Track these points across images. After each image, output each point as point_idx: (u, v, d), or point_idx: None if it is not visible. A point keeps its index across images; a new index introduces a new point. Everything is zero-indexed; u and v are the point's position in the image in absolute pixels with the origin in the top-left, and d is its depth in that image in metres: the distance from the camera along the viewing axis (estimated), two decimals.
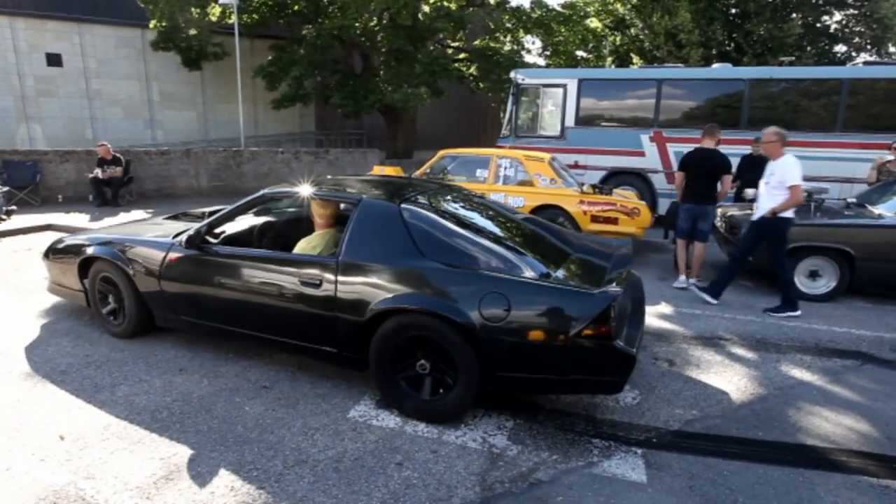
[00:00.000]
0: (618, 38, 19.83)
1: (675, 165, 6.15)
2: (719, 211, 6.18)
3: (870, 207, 5.36)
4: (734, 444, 2.71)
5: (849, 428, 2.89)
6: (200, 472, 2.38)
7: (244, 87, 13.93)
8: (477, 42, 16.68)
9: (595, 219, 5.94)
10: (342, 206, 3.53)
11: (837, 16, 16.94)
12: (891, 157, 6.41)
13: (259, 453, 2.53)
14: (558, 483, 2.37)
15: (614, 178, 8.93)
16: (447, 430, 2.76)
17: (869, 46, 16.24)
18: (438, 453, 2.57)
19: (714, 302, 4.92)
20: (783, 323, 4.52)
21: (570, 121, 9.31)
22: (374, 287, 2.81)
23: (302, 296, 3.00)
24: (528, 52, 18.51)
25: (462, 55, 16.84)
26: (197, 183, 11.81)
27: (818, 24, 16.84)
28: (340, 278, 2.89)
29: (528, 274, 2.77)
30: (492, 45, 16.35)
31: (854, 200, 5.75)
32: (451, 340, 2.67)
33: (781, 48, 15.37)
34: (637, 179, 9.01)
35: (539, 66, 16.19)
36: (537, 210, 6.12)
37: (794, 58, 14.50)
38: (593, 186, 6.17)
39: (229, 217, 3.54)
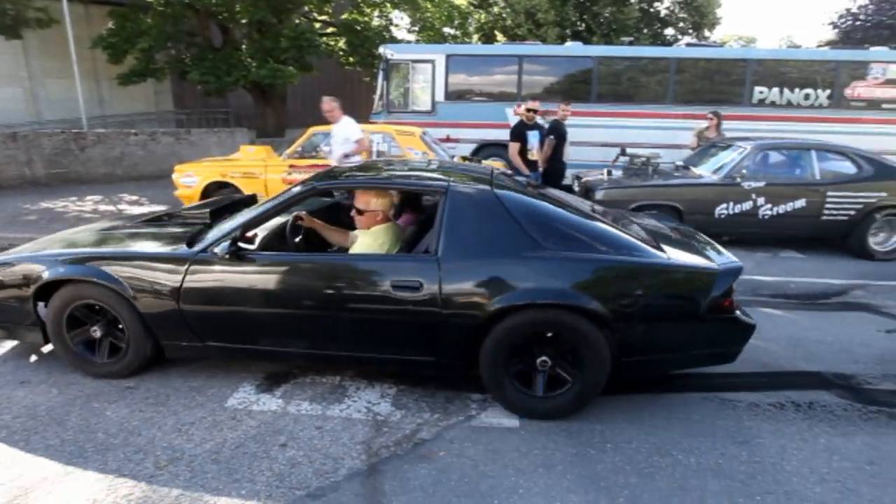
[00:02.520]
0: (482, 16, 20.44)
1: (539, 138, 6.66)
2: (577, 177, 6.81)
3: (693, 169, 6.26)
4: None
5: None
6: (53, 492, 2.15)
7: (81, 60, 12.09)
8: (344, 16, 16.16)
9: None
10: (407, 195, 3.39)
11: (667, 2, 19.11)
12: (706, 125, 7.48)
13: (125, 459, 2.34)
14: (441, 439, 2.53)
15: (484, 150, 9.32)
16: (331, 406, 2.78)
17: (691, 30, 18.58)
18: (323, 429, 2.59)
19: None
20: None
21: (440, 96, 9.49)
22: (488, 284, 2.56)
23: (395, 302, 2.62)
24: (397, 27, 18.39)
25: (330, 29, 16.23)
26: (31, 171, 10.11)
27: (651, 10, 18.87)
28: (444, 278, 2.56)
29: (649, 255, 2.66)
30: (359, 19, 15.95)
31: (681, 163, 6.66)
32: (582, 332, 2.54)
33: (623, 29, 16.99)
34: (506, 150, 9.50)
35: (409, 42, 16.17)
36: None
37: (632, 38, 16.11)
38: (464, 158, 6.42)
39: (267, 216, 2.90)
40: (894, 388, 3.11)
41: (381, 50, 9.80)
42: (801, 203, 5.70)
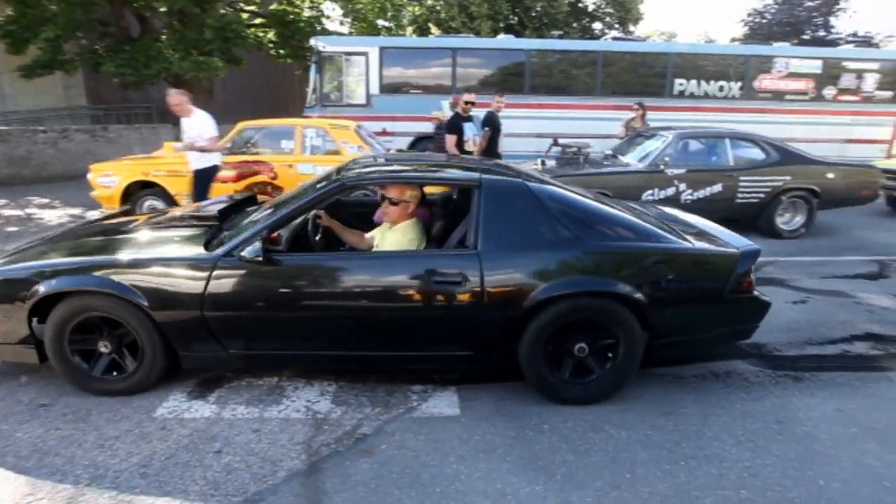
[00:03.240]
0: (416, 9, 20.33)
1: (478, 129, 6.72)
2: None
3: (621, 158, 6.55)
4: None
5: None
6: None
7: None
8: (273, 6, 15.57)
9: None
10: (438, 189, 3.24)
11: None
12: (633, 116, 7.85)
13: (40, 482, 2.18)
14: (382, 432, 2.52)
15: (421, 143, 9.32)
16: (269, 408, 2.71)
17: (617, 25, 19.36)
18: (261, 431, 2.52)
19: None
20: None
21: (374, 88, 9.40)
22: (528, 276, 2.59)
23: (437, 298, 2.60)
24: (329, 18, 17.93)
25: (259, 20, 15.59)
26: None
27: (580, 4, 19.48)
28: (486, 272, 2.56)
29: (674, 242, 2.78)
30: (289, 10, 15.42)
31: (610, 153, 6.94)
32: (618, 317, 2.62)
33: (554, 23, 17.45)
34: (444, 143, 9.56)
35: (341, 34, 15.83)
36: None
37: (562, 32, 16.59)
38: (399, 151, 6.39)
39: (294, 216, 2.78)
40: (798, 354, 3.41)
41: (313, 42, 9.57)
42: (717, 188, 6.10)
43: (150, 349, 2.70)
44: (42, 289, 2.61)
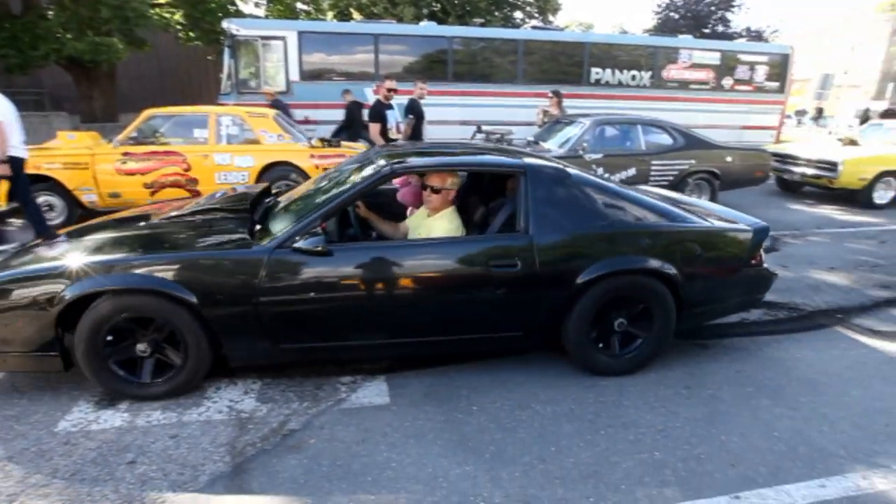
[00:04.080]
0: None
1: (400, 116, 6.66)
2: None
3: (542, 144, 6.76)
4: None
5: None
6: None
7: None
8: None
9: None
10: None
11: None
12: (549, 104, 8.10)
13: None
14: (310, 427, 2.47)
15: (347, 131, 9.10)
16: (188, 411, 2.57)
17: (537, 14, 19.83)
18: (179, 437, 2.38)
19: None
20: None
21: (294, 75, 9.05)
22: (576, 257, 2.76)
23: (493, 282, 2.69)
24: (244, 1, 17.00)
25: (164, 0, 14.49)
26: None
27: None
28: (538, 254, 2.70)
29: (698, 222, 3.05)
30: None
31: (532, 139, 7.14)
32: (657, 292, 2.85)
33: (476, 11, 17.57)
34: (366, 131, 9.39)
35: (257, 17, 15.07)
36: (268, 168, 5.89)
37: (484, 20, 16.76)
38: (322, 140, 6.21)
39: (345, 204, 2.80)
40: (704, 323, 3.69)
41: (226, 25, 9.03)
42: (632, 171, 6.45)
43: (194, 347, 2.58)
44: (71, 291, 2.41)
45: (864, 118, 14.69)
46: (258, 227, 2.86)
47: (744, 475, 2.22)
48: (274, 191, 3.78)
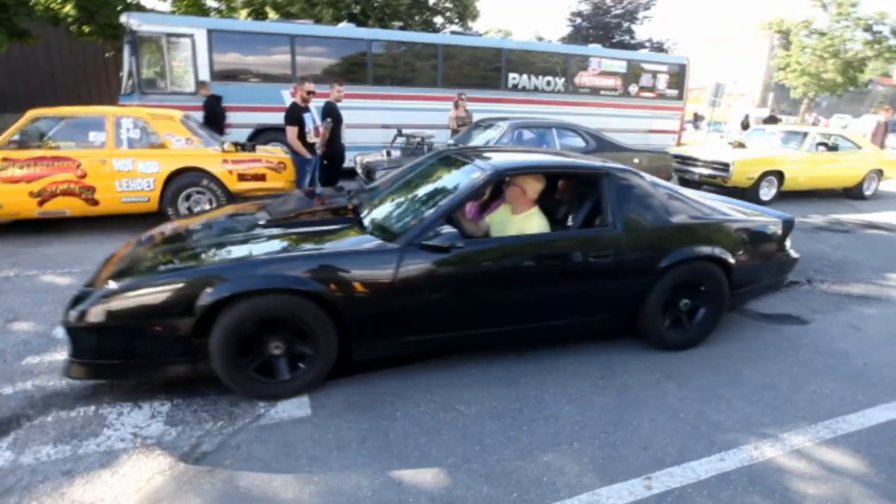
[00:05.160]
0: None
1: (318, 119, 6.48)
2: (358, 158, 6.89)
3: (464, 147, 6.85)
4: (383, 357, 3.15)
5: None
6: None
7: None
8: None
9: (242, 177, 5.75)
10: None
11: None
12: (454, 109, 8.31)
13: None
14: (225, 447, 2.33)
15: (262, 135, 8.75)
16: (84, 442, 2.34)
17: (456, 20, 20.14)
18: (73, 472, 2.16)
19: None
20: None
21: (204, 75, 8.55)
22: (656, 248, 3.18)
23: (592, 272, 3.08)
24: None
25: None
26: None
27: None
28: (626, 246, 3.10)
29: (737, 216, 3.58)
30: None
31: (452, 142, 7.22)
32: (716, 276, 3.33)
33: (396, 14, 17.54)
34: (284, 135, 9.09)
35: (161, 12, 14.12)
36: (177, 174, 5.52)
37: (403, 24, 16.79)
38: (235, 144, 5.91)
39: (460, 203, 3.00)
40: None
41: (124, 19, 8.35)
42: None
43: (325, 345, 2.68)
44: (214, 295, 2.43)
45: (745, 124, 16.25)
46: (366, 225, 3.04)
47: (654, 457, 2.36)
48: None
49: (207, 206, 5.75)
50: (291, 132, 5.64)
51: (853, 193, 9.56)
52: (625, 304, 3.23)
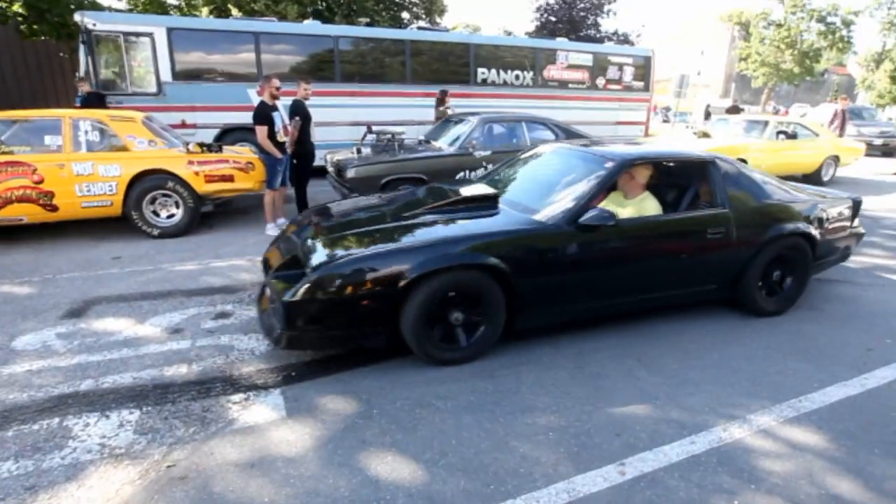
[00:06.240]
0: None
1: (286, 118, 6.36)
2: (328, 157, 6.81)
3: (434, 143, 6.85)
4: (357, 354, 3.14)
5: None
6: None
7: None
8: None
9: (210, 179, 5.61)
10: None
11: None
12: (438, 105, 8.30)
13: None
14: (199, 453, 2.29)
15: (231, 135, 8.58)
16: (48, 456, 2.26)
17: (424, 15, 20.05)
18: (36, 487, 2.09)
19: None
20: None
21: (166, 75, 8.32)
22: (755, 226, 3.65)
23: (710, 246, 3.52)
24: None
25: None
26: None
27: None
28: (735, 223, 3.56)
29: (812, 197, 4.06)
30: None
31: (423, 138, 7.21)
32: (803, 250, 3.84)
33: (363, 11, 17.36)
34: (253, 135, 8.91)
35: (118, 11, 13.66)
36: (140, 178, 5.36)
37: (369, 20, 16.63)
38: (200, 145, 5.76)
39: (599, 192, 3.33)
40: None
41: (78, 18, 8.05)
42: None
43: (496, 314, 3.04)
44: (416, 271, 2.77)
45: (707, 114, 16.70)
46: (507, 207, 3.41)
47: (627, 443, 2.41)
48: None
49: (174, 210, 5.61)
50: (261, 132, 5.53)
51: (812, 179, 9.90)
52: (730, 276, 3.69)
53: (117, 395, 2.71)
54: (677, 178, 3.96)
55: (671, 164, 3.92)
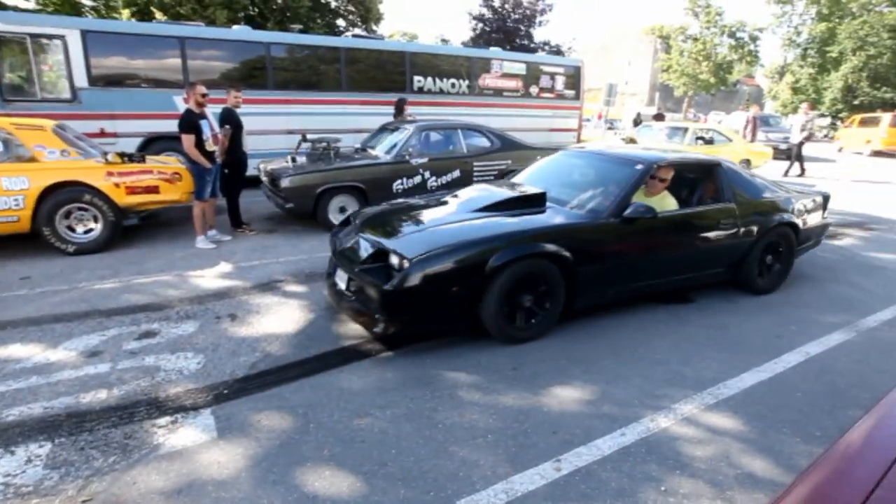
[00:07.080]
0: None
1: (216, 126, 6.10)
2: (261, 166, 6.62)
3: (370, 151, 6.81)
4: (292, 367, 3.07)
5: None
6: None
7: None
8: None
9: (132, 191, 5.28)
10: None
11: None
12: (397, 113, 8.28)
13: None
14: (119, 483, 2.14)
15: (156, 144, 8.14)
16: None
17: (359, 23, 19.96)
18: None
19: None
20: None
21: (81, 80, 7.79)
22: (756, 218, 4.29)
23: (721, 235, 4.14)
24: None
25: None
26: None
27: (323, 1, 19.44)
28: (739, 216, 4.20)
29: (801, 194, 4.86)
30: None
31: (359, 146, 7.15)
32: (789, 237, 4.54)
33: (296, 17, 17.05)
34: (180, 144, 8.51)
35: (24, 10, 12.68)
36: (52, 190, 4.97)
37: (302, 27, 16.36)
38: (120, 155, 5.42)
39: (638, 186, 3.88)
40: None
41: None
42: (456, 173, 6.83)
43: (559, 297, 3.49)
44: (500, 259, 3.16)
45: (637, 121, 17.64)
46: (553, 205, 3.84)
47: (563, 439, 2.49)
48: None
49: (93, 224, 5.25)
50: (188, 140, 5.28)
51: None
52: (734, 260, 4.31)
53: (24, 427, 2.49)
54: (691, 177, 4.54)
55: (687, 166, 4.49)
